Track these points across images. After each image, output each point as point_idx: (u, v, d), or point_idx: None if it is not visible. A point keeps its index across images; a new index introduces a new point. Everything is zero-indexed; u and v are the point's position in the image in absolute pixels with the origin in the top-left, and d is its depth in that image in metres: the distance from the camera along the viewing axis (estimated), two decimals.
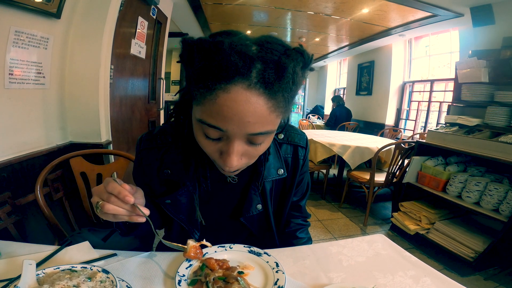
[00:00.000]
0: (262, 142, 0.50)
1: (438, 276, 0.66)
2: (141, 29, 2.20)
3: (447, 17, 3.15)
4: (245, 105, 0.42)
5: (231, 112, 0.43)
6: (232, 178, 0.70)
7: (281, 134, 0.74)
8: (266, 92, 0.43)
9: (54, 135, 1.58)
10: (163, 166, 0.68)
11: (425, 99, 4.41)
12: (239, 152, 0.49)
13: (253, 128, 0.45)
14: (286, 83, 0.43)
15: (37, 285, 0.50)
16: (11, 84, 1.26)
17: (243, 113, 0.43)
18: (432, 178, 2.17)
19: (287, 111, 0.49)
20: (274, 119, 0.46)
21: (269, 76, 0.42)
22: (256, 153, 0.52)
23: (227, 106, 0.42)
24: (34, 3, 1.28)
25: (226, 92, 0.42)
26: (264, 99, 0.43)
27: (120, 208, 0.50)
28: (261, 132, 0.47)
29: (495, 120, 2.02)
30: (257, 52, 0.42)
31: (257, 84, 0.42)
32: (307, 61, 0.46)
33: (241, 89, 0.42)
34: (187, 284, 0.58)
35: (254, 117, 0.43)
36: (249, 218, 0.74)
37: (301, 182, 0.80)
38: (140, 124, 2.44)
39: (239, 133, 0.46)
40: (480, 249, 1.80)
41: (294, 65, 0.43)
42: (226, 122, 0.44)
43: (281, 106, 0.45)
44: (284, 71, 0.42)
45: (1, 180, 1.20)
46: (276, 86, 0.43)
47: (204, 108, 0.45)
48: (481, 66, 2.18)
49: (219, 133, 0.47)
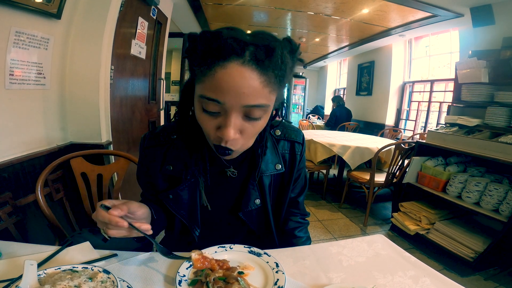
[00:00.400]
0: (258, 118, 0.54)
1: (438, 277, 0.66)
2: (141, 29, 2.20)
3: (447, 17, 3.15)
4: (240, 79, 0.48)
5: (227, 85, 0.48)
6: (232, 172, 0.72)
7: (278, 130, 0.77)
8: (258, 68, 0.48)
9: (55, 136, 1.58)
10: (165, 163, 0.71)
11: (425, 99, 4.41)
12: (236, 125, 0.52)
13: (248, 100, 0.49)
14: (275, 61, 0.49)
15: (38, 285, 0.50)
16: (11, 85, 1.26)
17: (238, 85, 0.48)
18: (432, 179, 2.17)
19: (279, 89, 0.54)
20: (267, 94, 0.51)
21: (260, 55, 0.48)
22: (252, 131, 0.56)
23: (224, 80, 0.48)
24: (35, 3, 1.29)
25: (223, 68, 0.47)
26: (256, 74, 0.48)
27: (121, 231, 0.54)
28: (256, 105, 0.51)
29: (495, 121, 2.02)
30: (250, 38, 0.49)
31: (250, 61, 0.48)
32: (294, 47, 0.53)
33: (236, 65, 0.47)
34: (187, 284, 0.58)
35: (248, 89, 0.48)
36: (247, 213, 0.75)
37: (299, 177, 0.83)
38: (141, 124, 2.45)
39: (236, 105, 0.50)
40: (480, 249, 1.80)
41: (282, 47, 0.50)
42: (223, 94, 0.49)
43: (273, 82, 0.50)
44: (273, 51, 0.48)
45: (2, 180, 1.20)
46: (267, 63, 0.48)
47: (204, 85, 0.50)
48: (481, 67, 2.18)
49: (217, 107, 0.51)
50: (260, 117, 0.54)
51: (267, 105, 0.53)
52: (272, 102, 0.55)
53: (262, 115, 0.54)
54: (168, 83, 5.67)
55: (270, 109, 0.56)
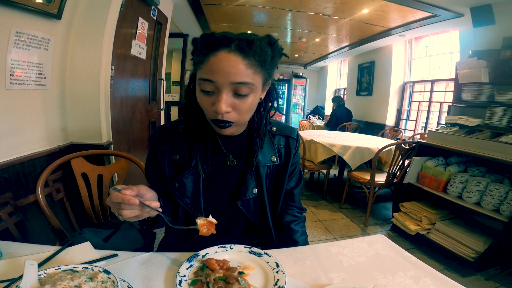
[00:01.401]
0: (245, 94, 0.64)
1: (438, 277, 0.66)
2: (142, 29, 2.20)
3: (447, 17, 3.15)
4: (227, 62, 0.61)
5: (217, 67, 0.61)
6: (231, 161, 0.80)
7: (274, 127, 0.86)
8: (241, 54, 0.61)
9: (55, 136, 1.58)
10: (173, 152, 0.79)
11: (425, 100, 4.41)
12: (227, 101, 0.63)
13: (234, 78, 0.61)
14: (255, 49, 0.62)
15: (38, 285, 0.50)
16: (12, 85, 1.26)
17: (226, 66, 0.60)
18: (433, 179, 2.17)
19: (262, 72, 0.65)
20: (251, 74, 0.63)
21: (242, 45, 0.61)
22: (243, 106, 0.66)
23: (215, 64, 0.61)
24: (35, 4, 1.29)
25: (215, 56, 0.61)
26: (240, 58, 0.61)
27: (134, 210, 0.58)
28: (241, 82, 0.62)
29: (496, 120, 2.02)
30: (235, 35, 0.63)
31: (235, 50, 0.61)
32: (272, 40, 0.67)
33: (224, 53, 0.61)
34: (187, 285, 0.58)
35: (234, 68, 0.61)
36: (245, 203, 0.81)
37: (294, 171, 0.90)
38: (141, 125, 2.45)
39: (225, 82, 0.61)
40: (481, 249, 1.80)
41: (261, 40, 0.64)
42: (215, 75, 0.61)
43: (255, 65, 0.63)
44: (252, 41, 0.62)
45: (2, 180, 1.21)
46: (247, 50, 0.61)
47: (201, 70, 0.63)
48: (482, 67, 2.18)
49: (211, 86, 0.63)
50: (247, 94, 0.65)
51: (251, 83, 0.63)
52: (258, 82, 0.66)
53: (249, 92, 0.64)
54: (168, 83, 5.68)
55: (256, 88, 0.66)
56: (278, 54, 0.69)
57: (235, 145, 0.80)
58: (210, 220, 0.64)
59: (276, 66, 0.70)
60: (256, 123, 0.79)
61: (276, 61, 0.69)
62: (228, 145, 0.80)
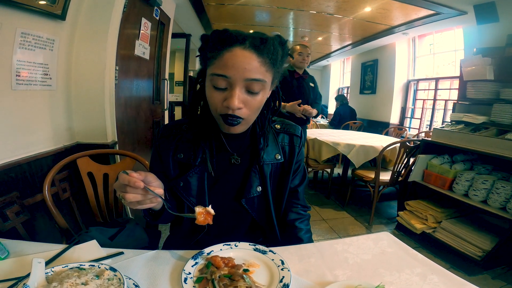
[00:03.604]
0: (257, 92, 0.65)
1: (445, 274, 0.65)
2: (145, 30, 2.21)
3: (451, 15, 3.12)
4: (242, 58, 0.61)
5: (232, 62, 0.61)
6: (236, 159, 0.79)
7: (278, 125, 0.86)
8: (256, 52, 0.62)
9: (61, 136, 1.60)
10: (177, 151, 0.79)
11: (430, 97, 4.37)
12: (240, 97, 0.63)
13: (249, 74, 0.62)
14: (268, 47, 0.63)
15: (46, 283, 0.51)
16: (18, 86, 1.27)
17: (241, 62, 0.61)
18: (438, 177, 2.15)
19: (273, 70, 0.67)
20: (264, 72, 0.64)
21: (257, 43, 0.62)
22: (254, 104, 0.66)
23: (230, 59, 0.61)
24: (39, 4, 1.30)
25: (230, 52, 0.61)
26: (255, 56, 0.62)
27: (138, 194, 0.58)
28: (255, 78, 0.63)
29: (502, 118, 2.00)
30: (249, 33, 0.64)
31: (249, 47, 0.62)
32: (283, 40, 0.69)
33: (239, 49, 0.61)
34: (193, 282, 0.58)
35: (249, 65, 0.61)
36: (250, 201, 0.81)
37: (298, 169, 0.89)
38: (145, 124, 2.46)
39: (239, 78, 0.62)
40: (487, 247, 1.78)
41: (273, 39, 0.66)
42: (229, 70, 0.61)
43: (268, 63, 0.64)
44: (266, 40, 0.63)
45: (9, 180, 1.22)
46: (262, 48, 0.62)
47: (215, 66, 0.63)
48: (486, 64, 2.16)
49: (225, 82, 0.63)
50: (259, 92, 0.65)
51: (264, 80, 0.64)
52: (269, 80, 0.67)
53: (260, 89, 0.65)
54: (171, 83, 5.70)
55: (267, 86, 0.67)
56: (286, 54, 0.70)
57: (239, 144, 0.80)
58: (209, 210, 0.64)
59: (283, 65, 0.71)
60: (261, 120, 0.79)
61: (284, 61, 0.70)
62: (232, 143, 0.80)
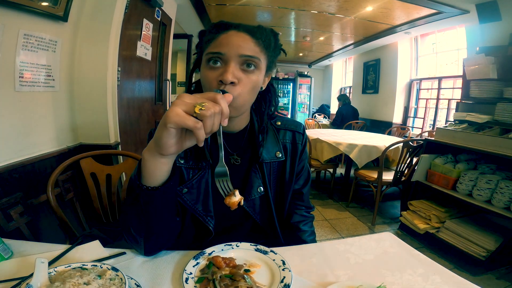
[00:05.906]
0: (252, 70, 0.65)
1: (448, 274, 0.65)
2: (146, 31, 2.22)
3: (453, 14, 3.10)
4: (236, 37, 0.64)
5: (227, 41, 0.63)
6: (235, 159, 0.77)
7: (279, 122, 0.84)
8: (250, 35, 0.65)
9: (65, 137, 1.61)
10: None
11: (433, 97, 4.34)
12: (234, 72, 0.63)
13: (243, 50, 0.63)
14: (261, 32, 0.67)
15: (49, 283, 0.51)
16: (21, 87, 1.28)
17: (235, 40, 0.64)
18: (442, 176, 2.14)
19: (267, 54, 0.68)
20: (258, 51, 0.66)
21: (250, 28, 0.66)
22: (248, 82, 0.65)
23: (225, 39, 0.64)
24: (42, 6, 1.31)
25: (225, 33, 0.64)
26: (249, 36, 0.65)
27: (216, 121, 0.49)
28: (249, 55, 0.64)
29: (505, 117, 1.98)
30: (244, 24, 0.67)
31: (244, 31, 0.65)
32: (274, 32, 0.71)
33: (234, 31, 0.65)
34: (194, 282, 0.58)
35: (243, 42, 0.64)
36: (251, 203, 0.78)
37: (302, 169, 0.87)
38: (147, 125, 2.47)
39: (234, 54, 0.63)
40: (492, 248, 1.77)
41: (265, 28, 0.69)
42: (224, 47, 0.63)
43: (261, 45, 0.66)
44: (259, 27, 0.68)
45: (13, 181, 1.23)
46: (256, 31, 0.66)
47: (210, 47, 0.65)
48: (489, 63, 2.14)
49: (219, 59, 0.64)
50: (253, 70, 0.65)
51: (258, 58, 0.65)
52: (263, 62, 0.68)
53: (255, 68, 0.66)
54: (173, 84, 5.72)
55: (261, 67, 0.67)
56: (278, 47, 0.72)
57: (238, 143, 0.78)
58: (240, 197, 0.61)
59: (276, 57, 0.73)
60: (260, 116, 0.79)
61: (277, 53, 0.72)
62: (231, 142, 0.77)
